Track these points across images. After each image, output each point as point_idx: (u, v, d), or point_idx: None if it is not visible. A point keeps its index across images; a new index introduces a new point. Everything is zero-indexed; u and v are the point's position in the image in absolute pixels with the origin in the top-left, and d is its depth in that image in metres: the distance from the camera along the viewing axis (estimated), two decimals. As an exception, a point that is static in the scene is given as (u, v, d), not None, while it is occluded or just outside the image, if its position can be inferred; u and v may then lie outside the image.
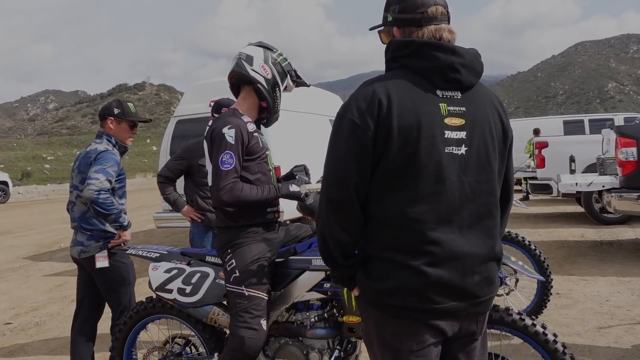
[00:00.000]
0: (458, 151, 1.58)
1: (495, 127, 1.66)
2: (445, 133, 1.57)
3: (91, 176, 3.18)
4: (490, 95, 1.70)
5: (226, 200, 2.45)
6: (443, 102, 1.58)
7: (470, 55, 1.63)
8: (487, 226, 1.64)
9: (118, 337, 2.98)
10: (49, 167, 44.23)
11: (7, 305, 6.05)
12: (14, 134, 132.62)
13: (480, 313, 1.68)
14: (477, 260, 1.60)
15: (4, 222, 15.40)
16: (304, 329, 2.62)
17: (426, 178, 1.56)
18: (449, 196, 1.57)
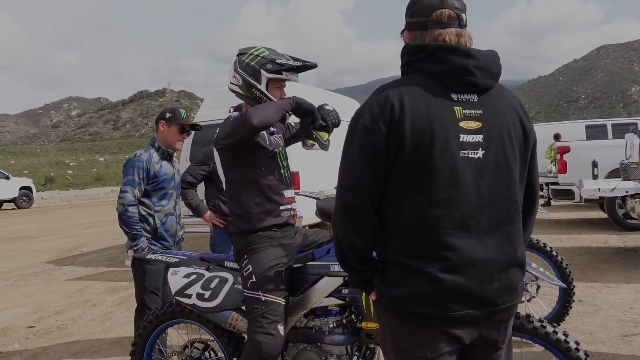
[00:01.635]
0: (475, 155, 1.56)
1: (515, 130, 1.62)
2: (460, 137, 1.55)
3: (121, 189, 3.53)
4: (511, 98, 1.67)
5: (255, 122, 2.40)
6: (458, 106, 1.57)
7: (487, 58, 1.61)
8: (506, 231, 1.60)
9: (138, 341, 3.01)
10: (72, 172, 44.94)
11: (31, 308, 6.15)
12: (37, 140, 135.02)
13: (502, 321, 1.63)
14: (496, 266, 1.56)
15: (28, 226, 15.67)
16: (322, 335, 2.61)
17: (441, 182, 1.54)
18: (465, 201, 1.55)
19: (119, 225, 3.52)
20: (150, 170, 3.57)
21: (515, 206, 1.63)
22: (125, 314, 5.65)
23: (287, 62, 2.63)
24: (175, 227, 3.73)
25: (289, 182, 2.73)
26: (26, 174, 36.05)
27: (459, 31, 1.63)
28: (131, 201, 3.49)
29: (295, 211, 2.75)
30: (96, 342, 4.79)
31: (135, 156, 3.59)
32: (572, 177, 9.19)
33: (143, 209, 3.57)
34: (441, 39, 1.61)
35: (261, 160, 2.61)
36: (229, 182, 2.66)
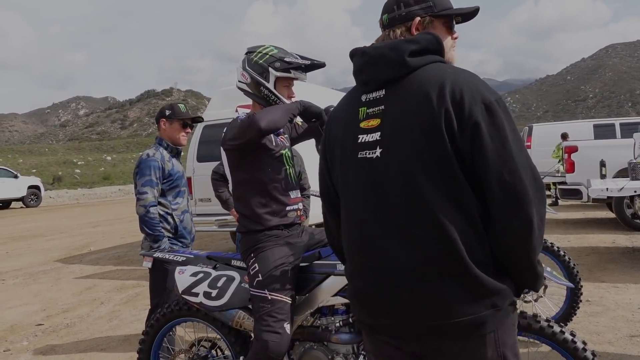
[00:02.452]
0: (372, 154, 1.48)
1: (421, 119, 1.40)
2: (359, 138, 1.52)
3: (140, 190, 3.48)
4: (428, 82, 1.42)
5: (263, 125, 2.42)
6: (364, 106, 1.54)
7: (380, 49, 1.51)
8: (414, 236, 1.40)
9: (145, 339, 3.02)
10: (79, 171, 45.16)
11: (39, 306, 6.19)
12: (45, 140, 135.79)
13: (433, 341, 1.43)
14: (401, 274, 1.42)
15: (36, 225, 15.77)
16: (328, 334, 2.62)
17: (344, 187, 1.58)
18: (364, 204, 1.50)
19: (140, 228, 3.46)
20: (165, 169, 3.57)
21: (428, 208, 1.39)
22: (133, 312, 5.68)
23: (296, 60, 2.64)
24: (190, 224, 3.76)
25: (295, 183, 2.74)
26: (34, 173, 36.25)
27: (386, 33, 1.62)
28: (152, 202, 3.45)
29: (301, 211, 2.76)
30: (104, 340, 4.82)
31: (149, 156, 3.55)
32: (579, 176, 9.14)
33: (161, 209, 3.55)
34: None
35: (267, 162, 2.61)
36: (236, 183, 2.67)
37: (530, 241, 1.38)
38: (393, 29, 1.58)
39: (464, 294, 1.37)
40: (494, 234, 1.40)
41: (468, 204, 1.39)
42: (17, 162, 44.71)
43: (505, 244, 1.40)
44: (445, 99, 1.38)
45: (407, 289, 1.41)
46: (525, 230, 1.37)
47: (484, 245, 1.40)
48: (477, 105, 1.37)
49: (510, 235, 1.38)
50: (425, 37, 1.49)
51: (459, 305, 1.37)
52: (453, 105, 1.37)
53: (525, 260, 1.42)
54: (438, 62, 1.48)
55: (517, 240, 1.39)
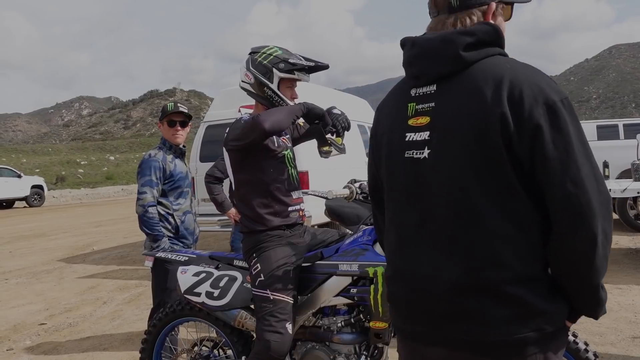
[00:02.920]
0: (420, 155, 1.38)
1: (470, 119, 1.29)
2: (406, 136, 1.42)
3: (139, 190, 3.49)
4: (483, 79, 1.31)
5: (267, 126, 2.42)
6: (413, 102, 1.43)
7: (432, 42, 1.39)
8: (461, 245, 1.31)
9: (148, 338, 3.03)
10: (83, 171, 45.25)
11: (42, 306, 6.20)
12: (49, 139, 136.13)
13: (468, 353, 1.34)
14: (440, 284, 1.34)
15: (39, 224, 15.80)
16: (330, 334, 2.62)
17: (393, 186, 1.49)
18: (411, 207, 1.41)
19: (140, 227, 3.48)
20: (166, 169, 3.57)
21: (477, 217, 1.29)
22: (135, 311, 5.69)
23: (300, 61, 2.64)
24: (193, 224, 3.77)
25: (297, 183, 2.75)
26: (37, 172, 36.33)
27: (443, 18, 1.43)
28: (151, 202, 3.46)
29: (303, 212, 2.76)
30: (106, 339, 4.83)
31: (151, 156, 3.57)
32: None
33: (162, 209, 3.57)
34: (427, 29, 1.48)
35: (270, 162, 2.62)
36: (238, 183, 2.67)
37: (593, 260, 1.24)
38: (465, 13, 1.39)
39: (506, 313, 1.27)
40: (552, 249, 1.28)
41: (522, 215, 1.28)
42: (20, 161, 44.82)
43: (564, 261, 1.28)
44: (501, 99, 1.26)
45: (446, 300, 1.33)
46: (587, 246, 1.23)
47: (537, 260, 1.29)
48: (539, 107, 1.24)
49: (570, 252, 1.26)
50: (483, 29, 1.35)
51: (499, 325, 1.27)
52: (510, 106, 1.25)
53: (587, 282, 1.28)
54: (497, 56, 1.36)
55: (578, 257, 1.26)
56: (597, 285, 1.29)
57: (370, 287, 2.45)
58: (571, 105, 1.27)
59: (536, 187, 1.27)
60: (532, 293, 1.27)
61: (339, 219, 3.18)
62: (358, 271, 2.48)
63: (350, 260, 2.52)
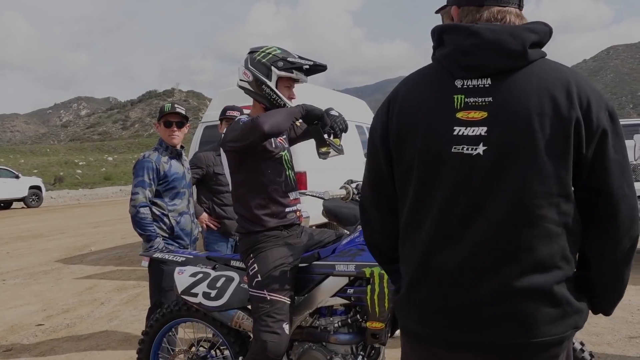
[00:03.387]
0: (473, 150, 1.31)
1: (542, 120, 1.27)
2: (455, 130, 1.33)
3: (132, 191, 3.52)
4: (549, 78, 1.30)
5: (266, 128, 2.42)
6: (461, 94, 1.35)
7: (497, 33, 1.32)
8: (510, 248, 1.29)
9: (145, 339, 3.03)
10: (81, 172, 45.21)
11: (39, 306, 6.20)
12: (47, 140, 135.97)
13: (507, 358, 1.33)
14: (488, 287, 1.30)
15: (37, 225, 15.78)
16: (327, 334, 2.63)
17: (426, 186, 1.38)
18: (455, 204, 1.34)
19: (133, 228, 3.50)
20: (160, 170, 3.57)
21: (535, 220, 1.28)
22: (133, 312, 5.69)
23: (298, 61, 2.65)
24: (190, 225, 3.76)
25: (294, 184, 2.75)
26: (36, 173, 36.29)
27: (519, 12, 1.41)
28: (142, 202, 3.46)
29: (300, 212, 2.77)
30: (104, 340, 4.82)
31: (144, 157, 3.59)
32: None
33: (157, 209, 3.58)
34: (500, 17, 1.38)
35: (268, 164, 2.62)
36: (235, 184, 2.68)
37: (631, 259, 1.31)
38: (513, 5, 1.39)
39: (554, 313, 1.29)
40: (601, 250, 1.32)
41: (572, 217, 1.30)
42: (18, 162, 44.78)
43: (611, 260, 1.32)
44: (574, 105, 1.26)
45: (494, 304, 1.29)
46: (633, 245, 1.29)
47: (574, 261, 1.34)
48: (603, 113, 1.28)
49: (620, 251, 1.30)
50: (543, 29, 1.34)
51: (546, 324, 1.28)
52: (582, 112, 1.26)
53: (620, 280, 1.36)
54: (547, 59, 1.35)
55: (623, 257, 1.32)
56: (626, 282, 1.37)
57: (367, 287, 2.45)
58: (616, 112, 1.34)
59: (585, 191, 1.31)
60: (574, 292, 1.33)
61: (336, 219, 3.18)
62: (355, 271, 2.49)
63: (347, 260, 2.53)
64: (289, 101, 2.67)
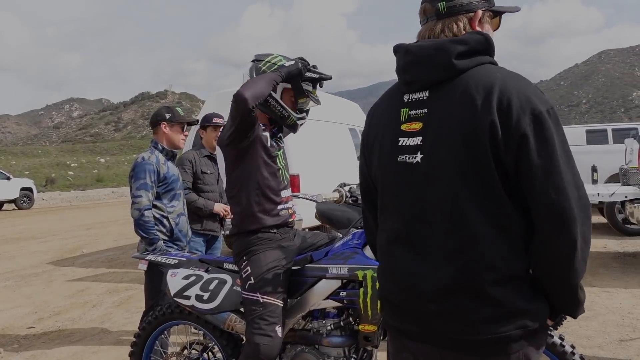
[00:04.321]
0: (412, 159, 1.43)
1: (461, 125, 1.34)
2: (399, 140, 1.46)
3: (134, 194, 3.47)
4: (473, 86, 1.35)
5: (248, 95, 2.39)
6: (405, 107, 1.47)
7: (426, 49, 1.43)
8: (447, 249, 1.37)
9: (137, 342, 3.02)
10: (73, 174, 44.97)
11: (30, 309, 6.16)
12: (39, 141, 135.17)
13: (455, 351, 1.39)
14: (429, 285, 1.39)
15: (28, 227, 15.69)
16: (320, 337, 2.63)
17: (383, 191, 1.55)
18: (403, 209, 1.46)
19: (135, 231, 3.46)
20: (160, 172, 3.57)
21: (463, 220, 1.35)
22: (125, 315, 5.67)
23: (309, 74, 2.66)
24: (186, 227, 3.77)
25: (287, 183, 2.76)
26: (27, 174, 36.06)
27: (431, 25, 1.50)
28: (146, 205, 3.45)
29: (292, 209, 2.78)
30: (96, 342, 4.80)
31: (144, 159, 3.56)
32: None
33: (157, 212, 3.56)
34: (420, 36, 1.53)
35: (263, 161, 2.63)
36: (231, 181, 2.67)
37: (572, 263, 1.31)
38: (452, 19, 1.46)
39: (491, 312, 1.32)
40: (534, 252, 1.34)
41: (506, 218, 1.33)
42: (9, 163, 44.49)
43: (545, 263, 1.34)
44: (491, 107, 1.30)
45: (435, 300, 1.38)
46: (568, 250, 1.30)
47: (520, 261, 1.35)
48: (526, 116, 1.28)
49: (551, 255, 1.32)
50: (474, 38, 1.40)
51: (485, 323, 1.33)
52: (499, 115, 1.29)
53: (566, 283, 1.35)
54: (487, 64, 1.40)
55: (559, 260, 1.32)
56: (575, 286, 1.36)
57: (359, 290, 2.46)
58: (557, 115, 1.32)
59: (520, 193, 1.32)
60: (516, 293, 1.34)
61: (329, 222, 3.19)
62: (347, 274, 2.50)
63: (339, 263, 2.53)
64: (294, 113, 2.68)
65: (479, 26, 1.48)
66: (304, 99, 2.69)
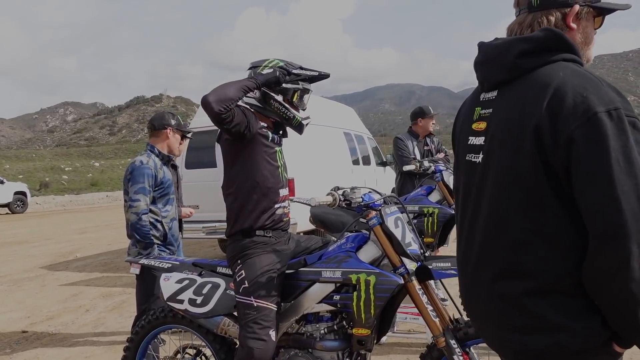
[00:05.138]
0: (477, 159, 1.43)
1: (512, 128, 1.30)
2: (469, 139, 1.48)
3: (132, 197, 3.49)
4: (533, 85, 1.29)
5: (211, 99, 2.37)
6: (479, 106, 1.47)
7: (496, 49, 1.40)
8: (492, 252, 1.36)
9: (130, 346, 3.01)
10: (67, 178, 44.77)
11: (23, 313, 6.12)
12: (33, 145, 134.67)
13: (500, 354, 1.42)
14: (479, 286, 1.41)
15: (22, 231, 15.61)
16: (313, 341, 2.63)
17: (456, 189, 1.59)
18: (465, 208, 1.48)
19: (131, 234, 3.48)
20: (157, 176, 3.60)
21: (506, 225, 1.32)
22: (119, 319, 5.64)
23: (302, 72, 2.68)
24: (177, 231, 3.81)
25: (285, 182, 2.77)
26: (21, 178, 35.88)
27: (520, 19, 1.43)
28: (144, 209, 3.46)
29: (288, 209, 2.78)
30: (89, 347, 4.78)
31: (142, 163, 3.56)
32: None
33: (151, 216, 3.57)
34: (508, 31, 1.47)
35: (262, 158, 2.63)
36: (229, 179, 2.67)
37: (624, 281, 1.14)
38: (544, 13, 1.37)
39: (522, 323, 1.28)
40: (583, 267, 1.22)
41: (553, 228, 1.25)
42: (3, 167, 44.27)
43: (588, 280, 1.21)
44: (540, 109, 1.23)
45: (481, 301, 1.41)
46: (614, 267, 1.15)
47: (566, 274, 1.24)
48: (577, 118, 1.18)
49: (594, 272, 1.19)
50: (541, 35, 1.31)
51: (517, 333, 1.30)
52: (549, 117, 1.21)
53: (617, 306, 1.19)
54: (560, 62, 1.30)
55: (604, 277, 1.17)
56: (631, 311, 1.17)
57: (353, 293, 2.46)
58: (621, 116, 1.17)
59: (573, 201, 1.22)
60: (553, 307, 1.25)
61: (323, 225, 3.19)
62: (341, 278, 2.49)
63: (333, 267, 2.53)
64: (297, 113, 2.70)
65: (574, 22, 1.37)
66: (296, 97, 2.71)
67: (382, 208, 2.53)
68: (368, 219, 2.52)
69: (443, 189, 4.46)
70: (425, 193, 4.57)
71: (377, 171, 9.94)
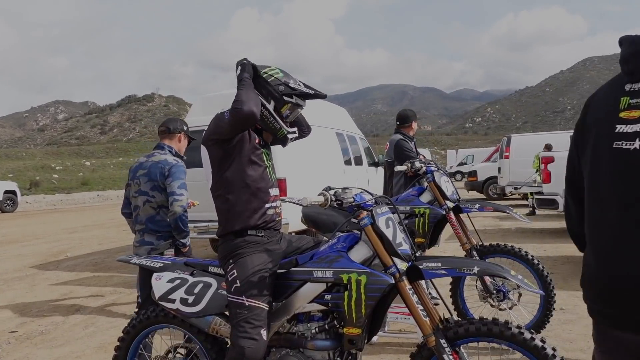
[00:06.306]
0: (630, 146, 1.47)
1: None
2: (617, 127, 1.51)
3: (176, 192, 3.86)
4: None
5: (253, 108, 2.45)
6: (627, 96, 1.52)
7: None
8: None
9: (120, 346, 3.00)
10: (57, 177, 44.50)
11: (13, 313, 6.09)
12: (23, 144, 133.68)
13: None
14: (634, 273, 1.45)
15: (12, 231, 15.51)
16: (304, 340, 2.63)
17: (596, 175, 1.57)
18: (615, 194, 1.51)
19: (175, 226, 3.84)
20: None
21: None
22: (109, 319, 5.62)
23: (299, 87, 2.68)
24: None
25: (274, 181, 2.77)
26: (11, 177, 35.66)
27: None
28: (187, 203, 3.87)
29: (279, 209, 2.78)
30: (79, 347, 4.76)
31: (177, 162, 3.95)
32: (556, 186, 9.29)
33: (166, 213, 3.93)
34: None
35: (250, 159, 2.63)
36: (217, 180, 2.67)
37: None
38: None
39: None
40: None
41: None
42: (-7, 166, 43.93)
43: None
44: None
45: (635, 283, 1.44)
46: None
47: None
48: None
49: None
50: None
51: None
52: None
53: None
54: None
55: None
56: None
57: (344, 293, 2.47)
58: None
59: None
60: None
61: (315, 225, 3.20)
62: (332, 277, 2.50)
63: (324, 266, 2.54)
64: (285, 126, 2.70)
65: None
66: (285, 108, 2.70)
67: (373, 208, 2.54)
68: (359, 219, 2.53)
69: (434, 190, 4.48)
70: (416, 193, 4.59)
71: (369, 171, 9.96)
